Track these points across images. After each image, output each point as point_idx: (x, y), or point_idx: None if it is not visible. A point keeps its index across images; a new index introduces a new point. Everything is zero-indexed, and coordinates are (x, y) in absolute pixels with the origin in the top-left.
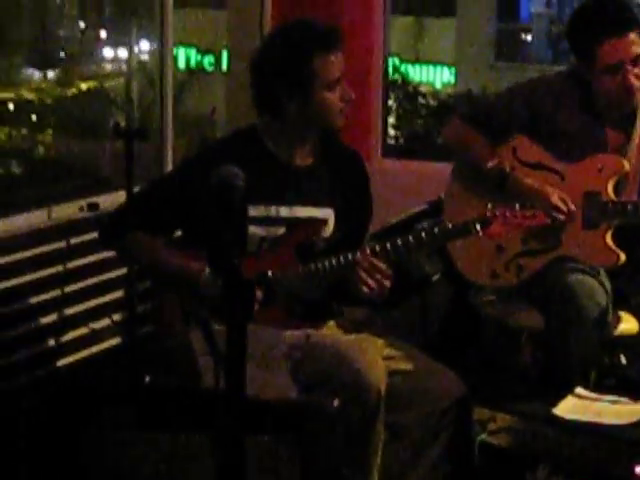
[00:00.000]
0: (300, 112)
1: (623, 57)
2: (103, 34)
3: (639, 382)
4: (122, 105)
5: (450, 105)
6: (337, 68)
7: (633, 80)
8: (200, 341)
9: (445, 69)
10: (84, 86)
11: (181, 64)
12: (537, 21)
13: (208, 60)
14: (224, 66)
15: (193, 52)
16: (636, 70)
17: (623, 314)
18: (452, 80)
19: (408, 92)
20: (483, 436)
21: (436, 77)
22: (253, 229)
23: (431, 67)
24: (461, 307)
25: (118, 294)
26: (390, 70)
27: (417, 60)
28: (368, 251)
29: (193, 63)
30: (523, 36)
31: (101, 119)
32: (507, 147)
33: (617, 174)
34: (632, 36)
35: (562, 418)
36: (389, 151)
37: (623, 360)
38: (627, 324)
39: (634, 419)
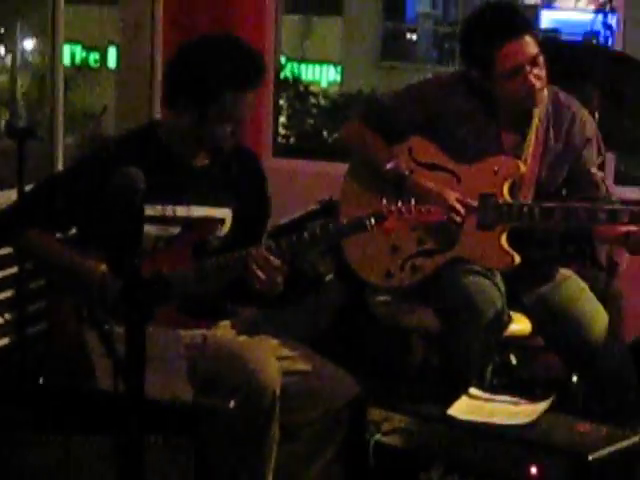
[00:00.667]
0: (195, 126)
1: (521, 59)
2: None
3: (530, 382)
4: (7, 103)
5: (340, 104)
6: (247, 107)
7: (534, 80)
8: (95, 341)
9: (331, 68)
10: None
11: (66, 61)
12: (423, 21)
13: (93, 57)
14: (110, 63)
15: (78, 49)
16: (535, 70)
17: (516, 315)
18: (338, 79)
19: (298, 91)
20: (377, 436)
21: (322, 76)
22: (148, 228)
23: (317, 66)
24: (355, 307)
25: (8, 293)
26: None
27: (304, 59)
28: (262, 247)
29: (78, 60)
30: (409, 36)
31: None
32: (403, 147)
33: (512, 176)
34: (527, 38)
35: (456, 418)
36: (280, 150)
37: (513, 360)
38: (519, 325)
39: (527, 419)
